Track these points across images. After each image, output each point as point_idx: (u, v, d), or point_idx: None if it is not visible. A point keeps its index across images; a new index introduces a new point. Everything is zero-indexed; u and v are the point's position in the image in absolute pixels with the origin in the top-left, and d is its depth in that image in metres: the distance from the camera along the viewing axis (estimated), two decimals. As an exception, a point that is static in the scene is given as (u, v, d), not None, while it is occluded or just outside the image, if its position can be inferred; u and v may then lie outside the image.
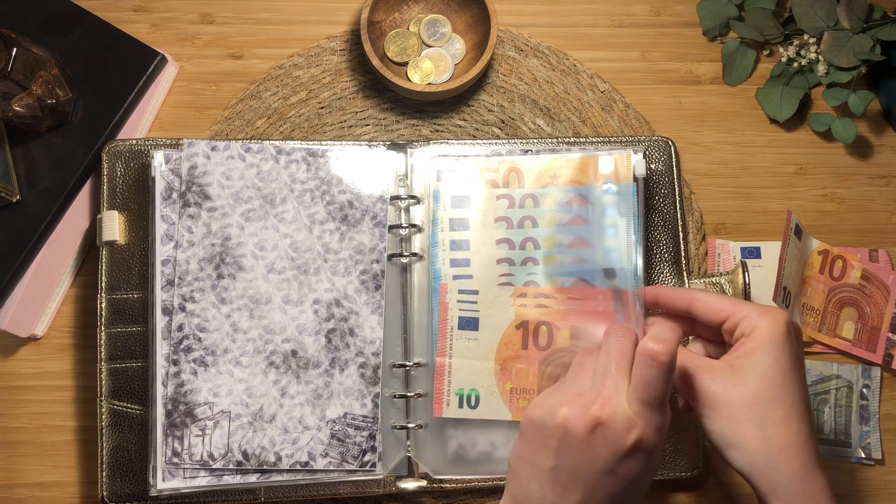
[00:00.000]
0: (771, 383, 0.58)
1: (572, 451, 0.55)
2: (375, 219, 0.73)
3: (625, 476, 0.55)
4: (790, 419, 0.58)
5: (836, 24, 0.81)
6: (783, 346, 0.59)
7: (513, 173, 0.74)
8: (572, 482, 0.55)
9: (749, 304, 0.61)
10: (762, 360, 0.59)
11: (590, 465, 0.55)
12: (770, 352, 0.59)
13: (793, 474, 0.57)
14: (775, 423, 0.58)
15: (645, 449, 0.55)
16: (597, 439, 0.54)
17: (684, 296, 0.64)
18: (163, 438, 0.69)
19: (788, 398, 0.58)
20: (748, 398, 0.58)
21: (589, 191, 0.73)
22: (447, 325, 0.71)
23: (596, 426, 0.54)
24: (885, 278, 0.80)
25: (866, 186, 0.83)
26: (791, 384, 0.59)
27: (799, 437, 0.58)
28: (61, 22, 0.76)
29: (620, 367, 0.57)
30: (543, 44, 0.84)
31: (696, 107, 0.84)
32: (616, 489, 0.55)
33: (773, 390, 0.58)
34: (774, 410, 0.58)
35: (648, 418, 0.55)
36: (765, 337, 0.59)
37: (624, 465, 0.55)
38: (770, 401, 0.58)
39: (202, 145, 0.73)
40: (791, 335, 0.60)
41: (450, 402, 0.71)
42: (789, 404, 0.58)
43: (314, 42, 0.83)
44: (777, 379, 0.58)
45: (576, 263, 0.72)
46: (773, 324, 0.59)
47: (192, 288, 0.71)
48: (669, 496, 0.76)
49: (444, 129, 0.82)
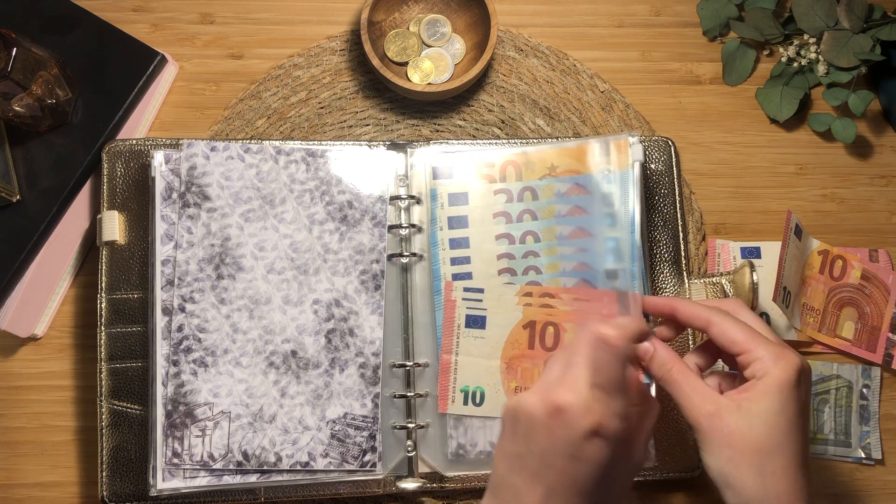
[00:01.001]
0: (776, 431, 0.58)
1: (536, 437, 0.56)
2: (375, 219, 0.73)
3: (589, 462, 0.55)
4: (790, 469, 0.58)
5: (836, 24, 0.81)
6: (791, 396, 0.59)
7: (510, 167, 0.74)
8: (539, 468, 0.56)
9: (764, 344, 0.61)
10: (770, 407, 0.59)
11: (553, 450, 0.55)
12: (779, 400, 0.59)
13: None
14: (775, 471, 0.58)
15: (604, 434, 0.55)
16: (557, 424, 0.55)
17: (702, 317, 0.63)
18: (163, 439, 0.69)
19: (791, 447, 0.58)
20: (752, 444, 0.58)
21: (587, 180, 0.73)
22: (454, 322, 0.71)
23: (556, 412, 0.55)
24: (885, 278, 0.80)
25: (866, 186, 0.83)
26: (795, 434, 0.59)
27: (796, 487, 0.58)
28: (61, 22, 0.76)
29: (586, 355, 0.57)
30: (543, 44, 0.84)
31: (696, 107, 0.84)
32: (583, 476, 0.55)
33: (777, 438, 0.58)
34: (775, 459, 0.58)
35: (605, 403, 0.56)
36: (775, 385, 0.59)
37: (585, 449, 0.55)
38: (772, 449, 0.58)
39: (201, 146, 0.73)
40: (801, 384, 0.60)
41: (455, 399, 0.71)
42: (791, 453, 0.58)
43: (314, 42, 0.83)
44: (782, 428, 0.58)
45: (578, 258, 0.72)
46: (785, 372, 0.59)
47: (191, 289, 0.71)
48: (669, 496, 0.76)
49: (444, 129, 0.82)
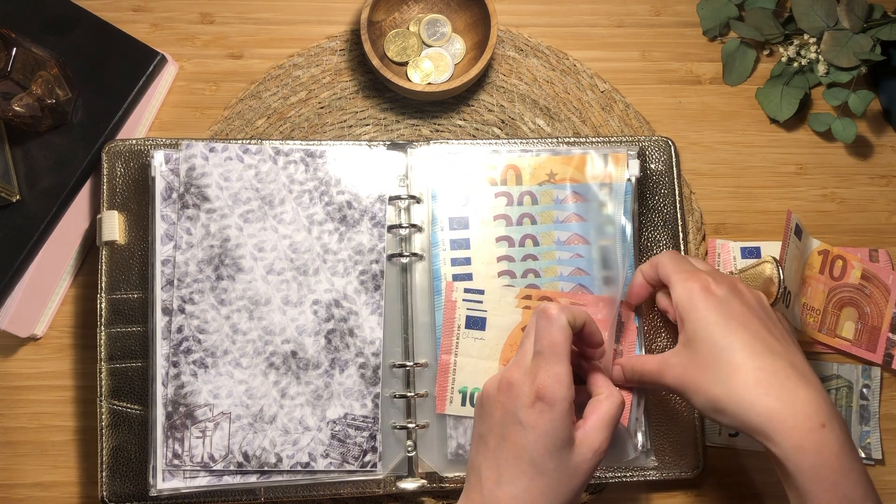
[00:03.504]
0: (712, 341, 0.60)
1: (491, 412, 0.59)
2: (374, 219, 0.73)
3: (532, 427, 0.56)
4: (745, 363, 0.58)
5: (836, 23, 0.81)
6: (707, 305, 0.61)
7: (511, 171, 0.74)
8: (496, 444, 0.58)
9: (678, 273, 0.64)
10: (695, 324, 0.61)
11: (503, 420, 0.57)
12: (697, 315, 0.61)
13: (769, 412, 0.57)
14: (730, 373, 0.58)
15: (546, 398, 0.56)
16: (507, 396, 0.58)
17: (654, 262, 0.68)
18: (163, 440, 0.69)
19: (735, 344, 0.59)
20: (702, 365, 0.60)
21: (585, 189, 0.74)
22: (454, 323, 0.71)
23: (507, 385, 0.58)
24: (885, 278, 0.80)
25: (866, 186, 0.83)
26: (733, 330, 0.59)
27: (761, 374, 0.58)
28: (61, 22, 0.76)
29: (532, 335, 0.60)
30: (543, 44, 0.84)
31: (696, 107, 0.84)
32: (531, 444, 0.56)
33: (718, 345, 0.59)
34: (725, 362, 0.59)
35: (545, 368, 0.57)
36: (686, 304, 0.62)
37: (530, 415, 0.56)
38: (717, 356, 0.59)
39: (200, 147, 0.73)
40: (713, 290, 0.61)
41: (453, 400, 0.71)
42: (738, 349, 0.59)
43: (314, 42, 0.83)
44: (716, 333, 0.60)
45: (575, 263, 0.73)
46: (688, 289, 0.62)
47: (191, 290, 0.71)
48: (669, 496, 0.76)
49: (444, 129, 0.82)
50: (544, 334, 0.59)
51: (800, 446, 0.56)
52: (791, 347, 0.61)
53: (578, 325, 0.61)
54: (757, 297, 0.64)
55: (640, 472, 0.73)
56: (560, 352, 0.58)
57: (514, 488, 0.56)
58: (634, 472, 0.73)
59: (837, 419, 0.57)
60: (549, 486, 0.56)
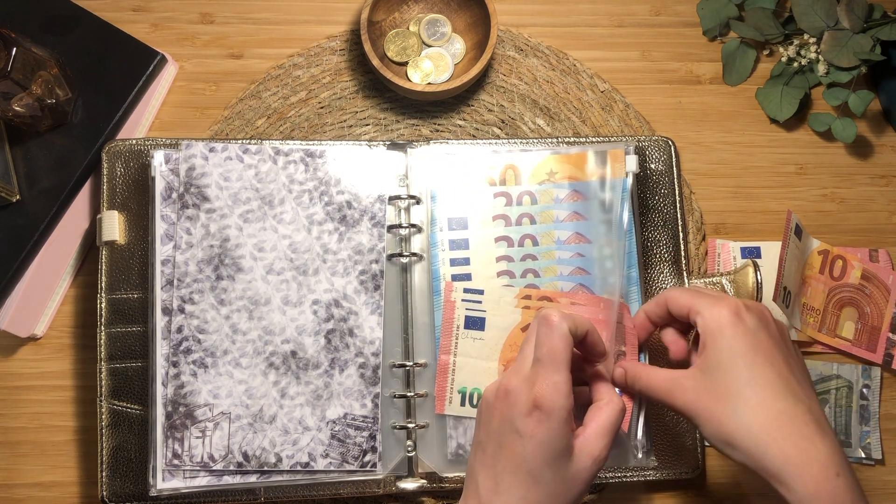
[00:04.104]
0: (735, 372, 0.58)
1: (490, 419, 0.58)
2: (374, 219, 0.73)
3: (530, 437, 0.55)
4: (767, 401, 0.57)
5: (836, 23, 0.81)
6: (735, 333, 0.59)
7: (510, 171, 0.74)
8: (494, 451, 0.57)
9: (703, 298, 0.62)
10: (720, 352, 0.59)
11: (501, 428, 0.57)
12: (724, 342, 0.59)
13: (785, 456, 0.56)
14: (751, 409, 0.57)
15: (544, 407, 0.55)
16: (504, 403, 0.57)
17: (661, 298, 0.65)
18: (163, 440, 0.69)
19: (759, 381, 0.58)
20: (720, 394, 0.58)
21: (585, 187, 0.74)
22: (453, 323, 0.71)
23: (504, 392, 0.57)
24: (885, 278, 0.80)
25: (866, 186, 0.83)
26: (759, 365, 0.58)
27: (783, 417, 0.57)
28: (61, 22, 0.76)
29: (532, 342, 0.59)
30: (543, 44, 0.84)
31: (696, 107, 0.84)
32: (529, 453, 0.55)
33: (740, 378, 0.58)
34: (747, 398, 0.57)
35: (544, 376, 0.56)
36: (714, 329, 0.60)
37: (527, 424, 0.56)
38: (739, 390, 0.58)
39: (200, 147, 0.73)
40: (743, 318, 0.59)
41: (452, 400, 0.71)
42: (761, 386, 0.57)
43: (314, 42, 0.83)
44: (740, 365, 0.58)
45: (575, 263, 0.73)
46: (719, 314, 0.60)
47: (191, 290, 0.71)
48: (669, 496, 0.76)
49: (444, 129, 0.82)
50: (545, 341, 0.58)
51: (815, 495, 0.55)
52: (809, 391, 0.60)
53: (580, 333, 0.60)
54: (781, 328, 0.62)
55: (640, 472, 0.73)
56: (559, 360, 0.57)
57: (512, 497, 0.56)
58: (634, 472, 0.73)
59: (849, 468, 0.57)
60: (547, 495, 0.56)
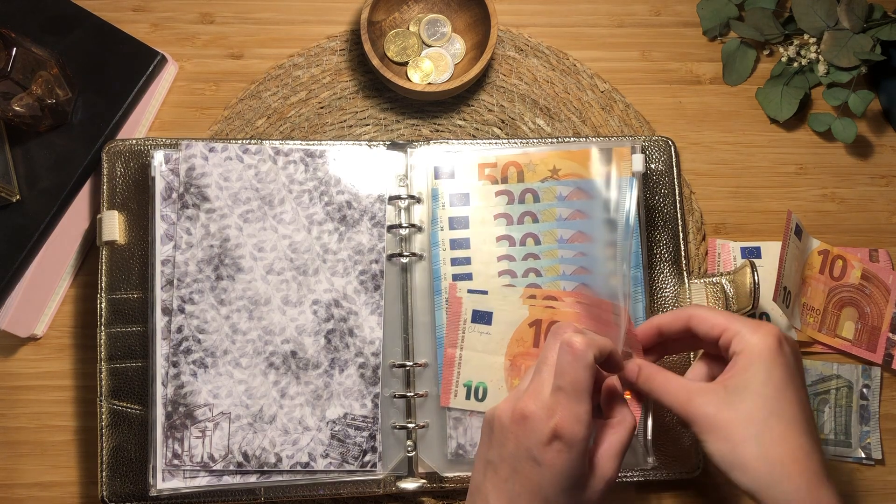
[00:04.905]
0: (765, 400, 0.58)
1: (504, 441, 0.57)
2: (374, 219, 0.73)
3: (548, 466, 0.55)
4: (789, 435, 0.57)
5: (836, 23, 0.81)
6: (775, 362, 0.58)
7: (511, 168, 0.74)
8: (508, 474, 0.56)
9: (742, 321, 0.61)
10: (754, 377, 0.58)
11: (517, 453, 0.56)
12: (762, 368, 0.58)
13: (797, 491, 0.56)
14: (773, 440, 0.57)
15: (564, 438, 0.55)
16: (521, 429, 0.56)
17: (683, 314, 0.64)
18: (163, 440, 0.69)
19: (786, 413, 0.57)
20: (743, 417, 0.57)
21: (589, 184, 0.73)
22: (460, 317, 0.71)
23: (521, 418, 0.56)
24: (885, 278, 0.80)
25: (866, 186, 0.83)
26: (788, 399, 0.58)
27: (800, 453, 0.57)
28: (61, 22, 0.76)
29: (551, 363, 0.58)
30: (543, 44, 0.84)
31: (696, 107, 0.84)
32: (547, 482, 0.55)
33: (768, 407, 0.57)
34: (771, 427, 0.57)
35: (566, 406, 0.56)
36: (755, 353, 0.59)
37: (546, 453, 0.55)
38: (766, 418, 0.57)
39: (200, 147, 0.73)
40: (784, 349, 0.59)
41: (457, 393, 0.71)
42: (787, 420, 0.57)
43: (314, 42, 0.83)
44: (771, 395, 0.58)
45: (578, 262, 0.72)
46: (764, 339, 0.59)
47: (191, 290, 0.71)
48: (669, 496, 0.76)
49: (444, 129, 0.82)
50: (568, 370, 0.56)
51: None
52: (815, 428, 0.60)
53: (604, 357, 0.59)
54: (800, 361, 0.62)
55: (640, 472, 0.73)
56: (582, 390, 0.56)
57: None
58: (634, 472, 0.73)
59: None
60: None
